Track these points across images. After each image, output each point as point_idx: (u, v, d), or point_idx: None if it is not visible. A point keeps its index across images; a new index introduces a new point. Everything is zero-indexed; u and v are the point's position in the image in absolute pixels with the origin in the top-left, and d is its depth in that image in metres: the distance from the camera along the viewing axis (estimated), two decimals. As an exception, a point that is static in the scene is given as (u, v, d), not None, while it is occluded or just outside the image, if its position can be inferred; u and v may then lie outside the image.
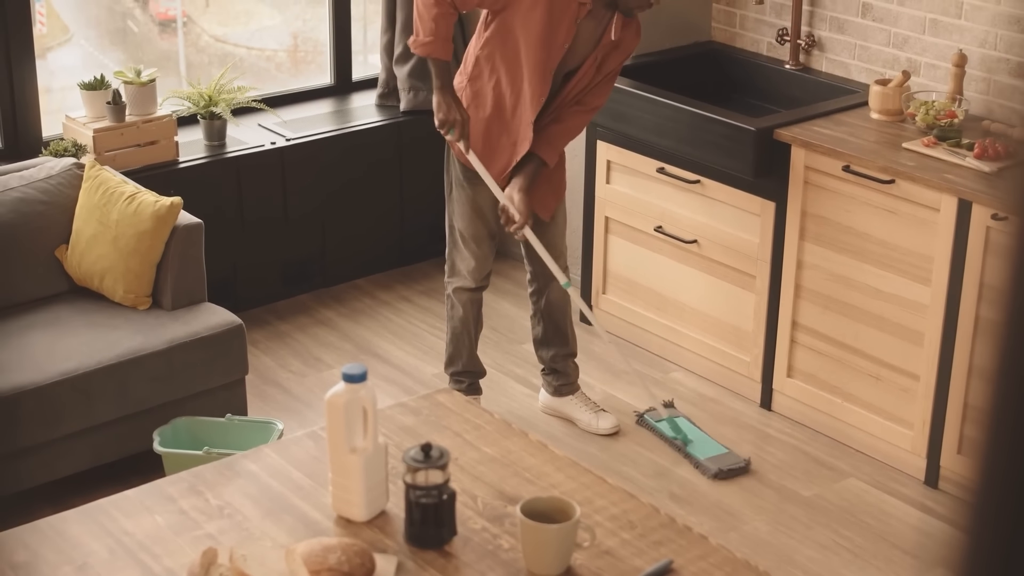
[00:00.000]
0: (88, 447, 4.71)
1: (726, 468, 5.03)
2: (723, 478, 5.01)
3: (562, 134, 4.93)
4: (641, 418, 5.34)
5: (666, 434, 5.20)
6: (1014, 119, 1.40)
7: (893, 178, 4.79)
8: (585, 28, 4.76)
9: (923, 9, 5.35)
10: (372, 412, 3.00)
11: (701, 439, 5.19)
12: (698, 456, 5.09)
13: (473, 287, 5.16)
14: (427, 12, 4.68)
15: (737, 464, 5.05)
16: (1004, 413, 0.98)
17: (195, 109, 5.91)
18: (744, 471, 5.05)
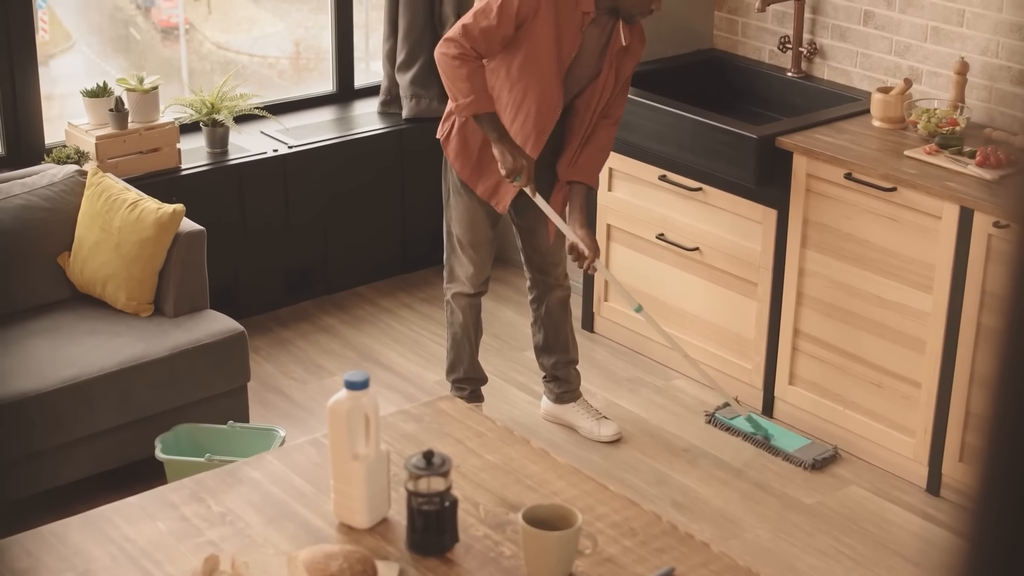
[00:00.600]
0: (90, 454, 4.71)
1: (820, 457, 5.09)
2: (819, 468, 5.07)
3: (599, 153, 4.98)
4: (712, 417, 5.36)
5: (746, 431, 5.23)
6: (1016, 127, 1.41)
7: (895, 186, 4.79)
8: (590, 36, 4.77)
9: (925, 17, 5.36)
10: (374, 419, 3.00)
11: (781, 433, 5.23)
12: (787, 449, 5.13)
13: (472, 292, 5.16)
14: (456, 74, 4.67)
15: (827, 452, 5.12)
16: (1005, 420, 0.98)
17: (197, 116, 5.91)
18: (835, 458, 5.12)
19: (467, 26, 4.65)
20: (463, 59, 4.66)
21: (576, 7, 4.69)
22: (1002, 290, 0.98)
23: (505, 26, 4.65)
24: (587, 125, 4.90)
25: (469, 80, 4.67)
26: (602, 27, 4.79)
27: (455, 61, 4.66)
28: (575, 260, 4.93)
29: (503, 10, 4.63)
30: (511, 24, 4.65)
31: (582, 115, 4.89)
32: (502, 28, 4.65)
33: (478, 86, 4.69)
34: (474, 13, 4.68)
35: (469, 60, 4.66)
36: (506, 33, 4.67)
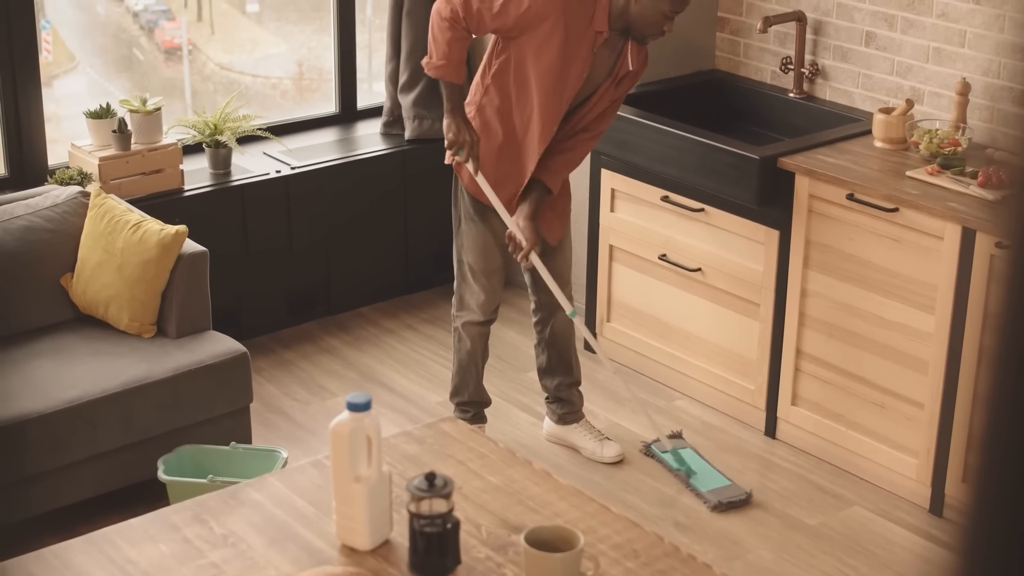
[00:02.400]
0: (93, 475, 4.71)
1: (726, 500, 5.02)
2: (722, 510, 5.00)
3: (569, 163, 4.96)
4: (648, 448, 5.34)
5: (670, 465, 5.20)
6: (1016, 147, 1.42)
7: (897, 206, 4.80)
8: (601, 56, 4.78)
9: (926, 38, 5.37)
10: (376, 441, 3.00)
11: (705, 471, 5.18)
12: (700, 488, 5.08)
13: (482, 321, 5.16)
14: (441, 35, 4.70)
15: (738, 496, 5.04)
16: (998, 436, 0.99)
17: (200, 137, 5.92)
18: (745, 503, 5.04)
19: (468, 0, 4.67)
20: (452, 23, 4.67)
21: (589, 26, 4.69)
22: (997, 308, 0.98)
23: (502, 20, 4.65)
24: (567, 135, 4.90)
25: (449, 45, 4.69)
26: (613, 47, 4.80)
27: (444, 23, 4.68)
28: (512, 251, 4.92)
29: (508, 6, 4.63)
30: (511, 20, 4.65)
31: (570, 128, 4.89)
32: (499, 20, 4.66)
33: (454, 55, 4.71)
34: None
35: (457, 28, 4.68)
36: (500, 26, 4.68)
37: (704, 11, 6.11)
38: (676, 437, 5.36)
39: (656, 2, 4.65)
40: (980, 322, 4.63)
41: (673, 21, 4.73)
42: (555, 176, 4.93)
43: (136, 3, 6.63)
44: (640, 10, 4.67)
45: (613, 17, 4.71)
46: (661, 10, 4.66)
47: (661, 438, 5.20)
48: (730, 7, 6.09)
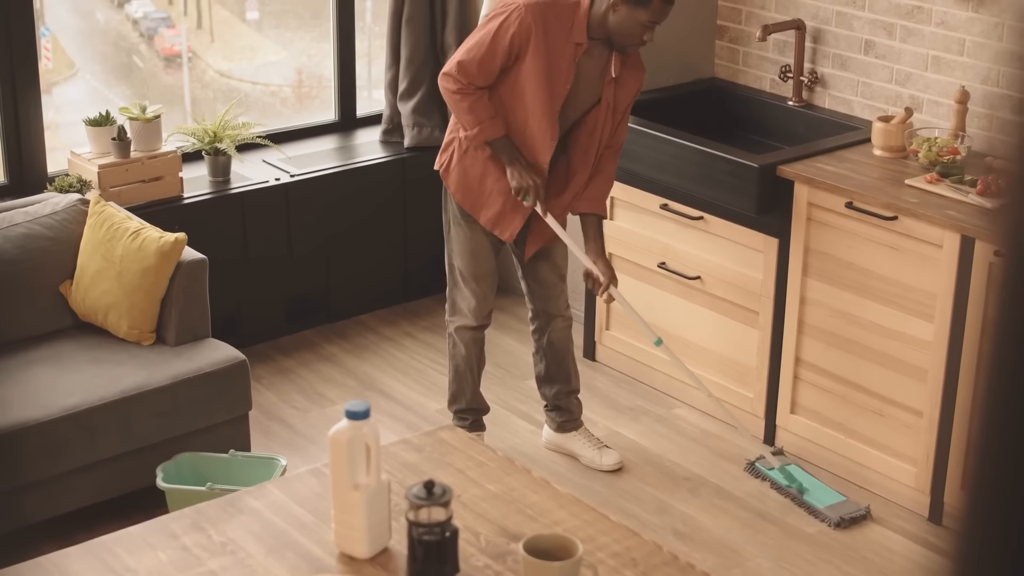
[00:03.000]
0: (91, 483, 4.71)
1: (848, 516, 4.94)
2: (845, 527, 4.93)
3: (605, 182, 5.01)
4: (752, 466, 5.28)
5: (780, 483, 5.14)
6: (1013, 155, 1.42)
7: (896, 214, 4.80)
8: (585, 67, 4.79)
9: (925, 46, 5.37)
10: (375, 449, 3.00)
11: (816, 487, 5.10)
12: (816, 505, 5.00)
13: (475, 325, 5.16)
14: (459, 107, 4.74)
15: (858, 511, 4.97)
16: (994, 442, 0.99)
17: (200, 145, 5.92)
18: (865, 518, 4.98)
19: (462, 62, 4.70)
20: (463, 93, 4.70)
21: (568, 39, 4.71)
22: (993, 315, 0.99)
23: (500, 57, 4.69)
24: (594, 156, 4.92)
25: (472, 112, 4.71)
26: (596, 57, 4.81)
27: (456, 95, 4.72)
28: (591, 287, 4.96)
29: (496, 42, 4.67)
30: (505, 55, 4.69)
31: (586, 146, 4.90)
32: (497, 59, 4.69)
33: (482, 115, 4.73)
34: (468, 47, 4.73)
35: (468, 92, 4.70)
36: (502, 63, 4.71)
37: (703, 19, 6.12)
38: (779, 454, 5.29)
39: (633, 12, 4.65)
40: (979, 330, 4.63)
41: (653, 31, 4.72)
42: (599, 202, 5.00)
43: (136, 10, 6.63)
44: (618, 21, 4.68)
45: (592, 28, 4.73)
46: (639, 20, 4.66)
47: (766, 455, 5.16)
48: (729, 15, 6.10)
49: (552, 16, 4.69)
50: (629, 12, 4.65)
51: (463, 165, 4.93)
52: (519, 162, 4.80)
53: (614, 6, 4.67)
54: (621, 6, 4.65)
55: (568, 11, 4.72)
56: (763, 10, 5.93)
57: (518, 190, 4.80)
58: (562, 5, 4.73)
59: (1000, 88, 5.17)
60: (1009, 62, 5.00)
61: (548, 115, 4.76)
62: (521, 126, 4.80)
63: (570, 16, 4.71)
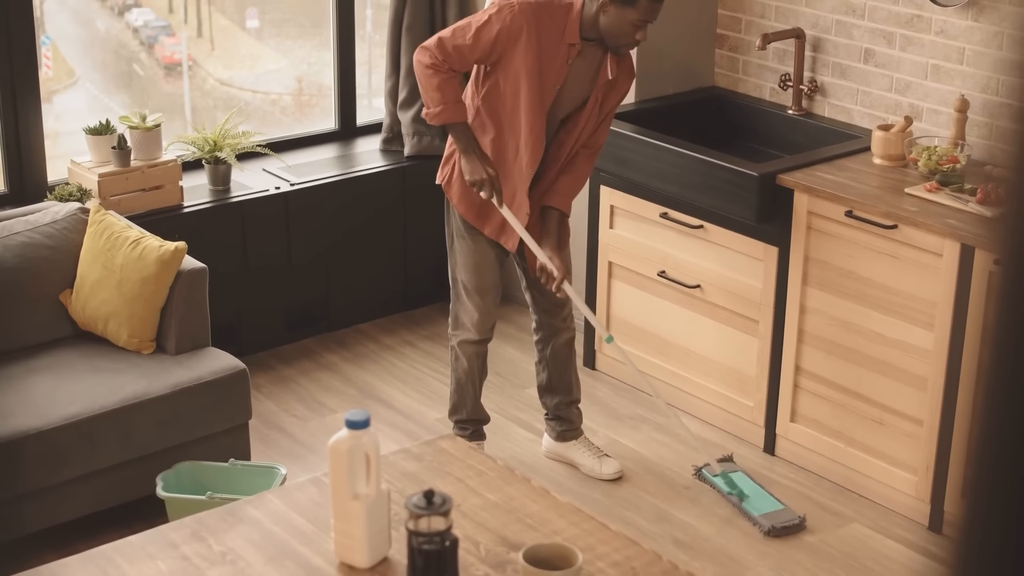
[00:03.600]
0: (91, 492, 4.71)
1: (780, 525, 4.94)
2: (777, 535, 4.93)
3: (577, 182, 4.99)
4: (699, 472, 5.28)
5: (722, 489, 5.14)
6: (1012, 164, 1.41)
7: (896, 223, 4.80)
8: (577, 68, 4.79)
9: (925, 55, 5.37)
10: (375, 458, 3.00)
11: (757, 494, 5.11)
12: (753, 512, 5.01)
13: (478, 339, 5.15)
14: (429, 82, 4.71)
15: (792, 521, 4.97)
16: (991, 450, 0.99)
17: (200, 154, 5.93)
18: (799, 528, 4.97)
19: (443, 39, 4.70)
20: (435, 69, 4.69)
21: (561, 39, 4.72)
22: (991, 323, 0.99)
23: (480, 49, 4.68)
24: (567, 154, 4.91)
25: (440, 90, 4.70)
26: (589, 59, 4.81)
27: (428, 70, 4.70)
28: (544, 282, 4.93)
29: (480, 33, 4.68)
30: (487, 48, 4.68)
31: (565, 145, 4.90)
32: (476, 50, 4.69)
33: (449, 96, 4.71)
34: (454, 28, 4.73)
35: (441, 71, 4.69)
36: (481, 56, 4.71)
37: (703, 28, 6.12)
38: (726, 460, 5.31)
39: (623, 12, 4.66)
40: (979, 339, 4.63)
41: (645, 31, 4.71)
42: (565, 198, 4.96)
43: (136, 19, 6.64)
44: (608, 21, 4.69)
45: (585, 29, 4.74)
46: (629, 20, 4.66)
47: (711, 462, 5.16)
48: (729, 24, 6.10)
49: (546, 16, 4.70)
50: (618, 12, 4.66)
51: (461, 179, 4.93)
52: (475, 152, 4.79)
53: (603, 7, 4.67)
54: (610, 6, 4.66)
55: (562, 12, 4.73)
56: (763, 19, 5.94)
57: (472, 182, 4.80)
58: (556, 6, 4.74)
59: (999, 97, 5.18)
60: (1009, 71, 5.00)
61: (539, 114, 4.76)
62: (511, 124, 4.79)
63: (563, 17, 4.72)
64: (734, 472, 5.21)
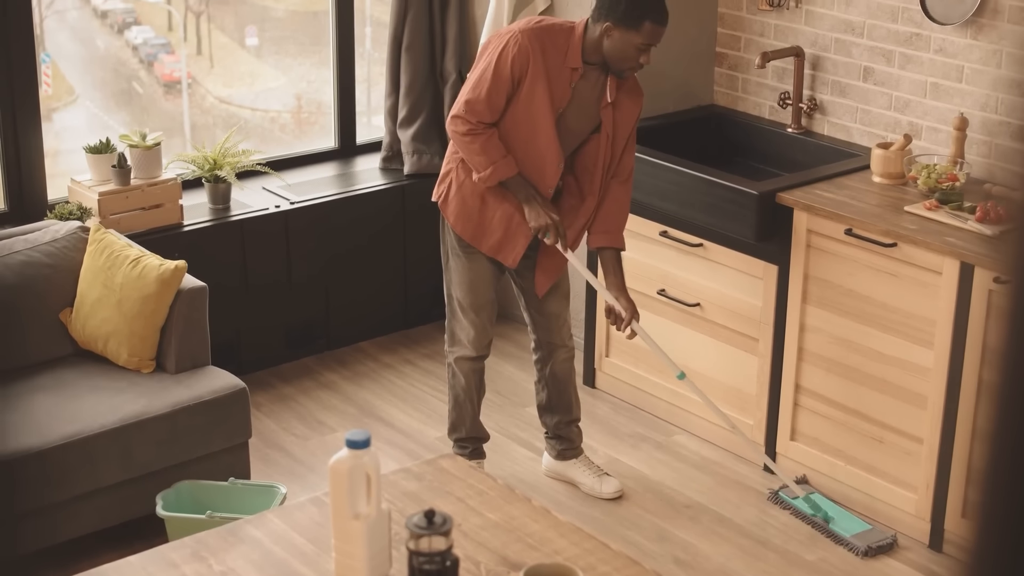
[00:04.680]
0: (91, 511, 4.70)
1: (875, 544, 4.90)
2: (873, 555, 4.89)
3: (619, 214, 5.00)
4: (776, 496, 5.24)
5: (805, 512, 5.09)
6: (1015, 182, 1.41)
7: (895, 241, 4.80)
8: (580, 91, 4.80)
9: (924, 73, 5.38)
10: (375, 478, 3.00)
11: (842, 515, 5.06)
12: (844, 534, 4.96)
13: (474, 356, 5.16)
14: (470, 149, 4.75)
15: (885, 540, 4.93)
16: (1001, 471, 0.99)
17: (200, 172, 5.93)
18: (892, 547, 4.94)
19: (470, 100, 4.71)
20: (473, 134, 4.71)
21: (564, 63, 4.73)
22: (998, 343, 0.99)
23: (503, 87, 4.70)
24: (600, 181, 4.92)
25: (484, 152, 4.73)
26: (593, 82, 4.82)
27: (466, 137, 4.72)
28: (612, 323, 4.95)
29: (498, 72, 4.69)
30: (507, 82, 4.70)
31: (591, 171, 4.91)
32: (503, 90, 4.71)
33: (494, 155, 4.74)
34: (472, 85, 4.74)
35: (479, 133, 4.71)
36: (507, 92, 4.72)
37: (702, 47, 6.14)
38: (801, 482, 5.25)
39: (627, 36, 4.67)
40: (979, 357, 4.63)
41: (649, 54, 4.73)
42: (613, 235, 4.98)
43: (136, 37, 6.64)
44: (612, 45, 4.70)
45: (587, 53, 4.75)
46: (633, 44, 4.67)
47: (789, 484, 5.14)
48: (728, 43, 6.11)
49: (548, 41, 4.72)
50: (622, 36, 4.67)
51: (461, 195, 4.94)
52: (536, 199, 4.81)
53: (607, 31, 4.69)
54: (614, 31, 4.68)
55: (563, 36, 4.75)
56: (762, 37, 5.95)
57: (537, 229, 4.81)
58: (557, 30, 4.75)
59: (999, 115, 5.18)
60: (1008, 89, 5.02)
61: (553, 139, 4.77)
62: (526, 151, 4.80)
63: (565, 41, 4.74)
64: (813, 493, 5.15)
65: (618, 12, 4.66)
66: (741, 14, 6.03)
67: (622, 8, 4.66)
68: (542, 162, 4.80)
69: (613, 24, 4.67)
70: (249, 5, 6.86)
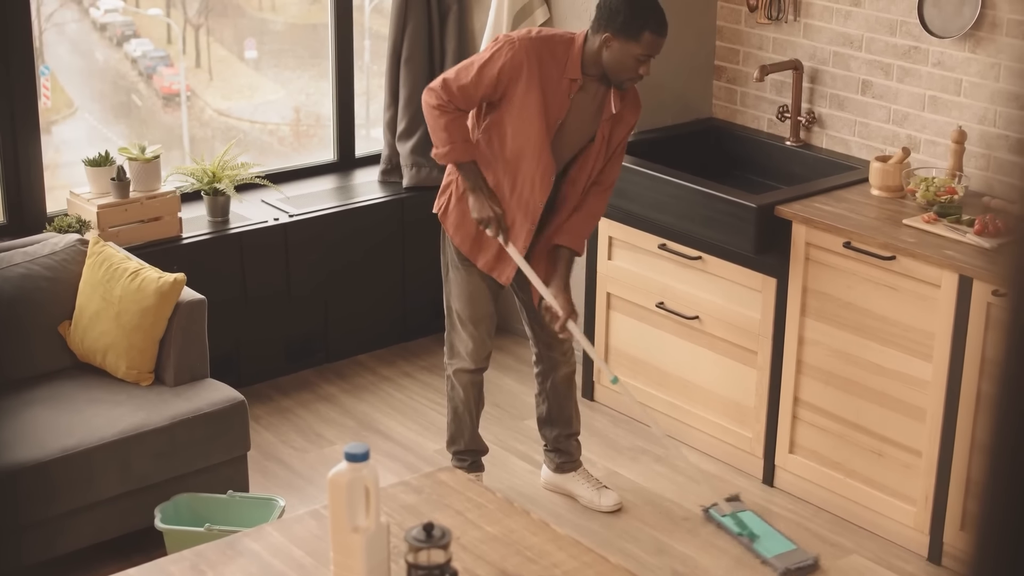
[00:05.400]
0: (90, 524, 4.70)
1: (794, 566, 4.86)
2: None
3: (589, 220, 4.99)
4: (707, 513, 5.20)
5: (731, 530, 5.06)
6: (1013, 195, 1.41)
7: (894, 254, 4.81)
8: (579, 103, 4.79)
9: (922, 86, 5.39)
10: (374, 491, 3.00)
11: (768, 534, 5.02)
12: (764, 554, 4.92)
13: (473, 369, 5.16)
14: (436, 123, 4.75)
15: (805, 561, 4.89)
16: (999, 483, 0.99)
17: (199, 185, 5.93)
18: (813, 568, 4.90)
19: (447, 80, 4.73)
20: (442, 109, 4.72)
21: (563, 74, 4.73)
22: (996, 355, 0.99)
23: (483, 87, 4.71)
24: (580, 192, 4.92)
25: (447, 130, 4.74)
26: (592, 93, 4.82)
27: (435, 111, 4.74)
28: (548, 320, 4.94)
29: (483, 71, 4.70)
30: (490, 86, 4.71)
31: (576, 182, 4.91)
32: (480, 88, 4.71)
33: (456, 136, 4.75)
34: (458, 68, 4.77)
35: (448, 111, 4.72)
36: (484, 93, 4.73)
37: (701, 60, 6.14)
38: (734, 500, 5.20)
39: (626, 47, 4.67)
40: (978, 370, 4.63)
41: (649, 65, 4.73)
42: (576, 237, 4.96)
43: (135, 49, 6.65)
44: (612, 56, 4.70)
45: (587, 64, 4.75)
46: (632, 54, 4.67)
47: (719, 501, 5.12)
48: (727, 56, 6.12)
49: (547, 52, 4.72)
50: (621, 47, 4.67)
51: (460, 208, 4.94)
52: (482, 191, 4.82)
53: (606, 42, 4.69)
54: (613, 41, 4.67)
55: (563, 47, 4.75)
56: (760, 50, 5.95)
57: (479, 220, 4.82)
58: (557, 41, 4.76)
59: (997, 128, 5.19)
60: (1007, 102, 5.02)
61: (545, 149, 4.77)
62: (518, 162, 4.80)
63: (565, 52, 4.74)
64: (743, 512, 5.13)
65: (617, 22, 4.66)
66: (740, 27, 6.04)
67: (621, 18, 4.66)
68: (533, 173, 4.79)
69: (612, 35, 4.67)
70: (248, 18, 6.87)
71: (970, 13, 5.17)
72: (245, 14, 6.84)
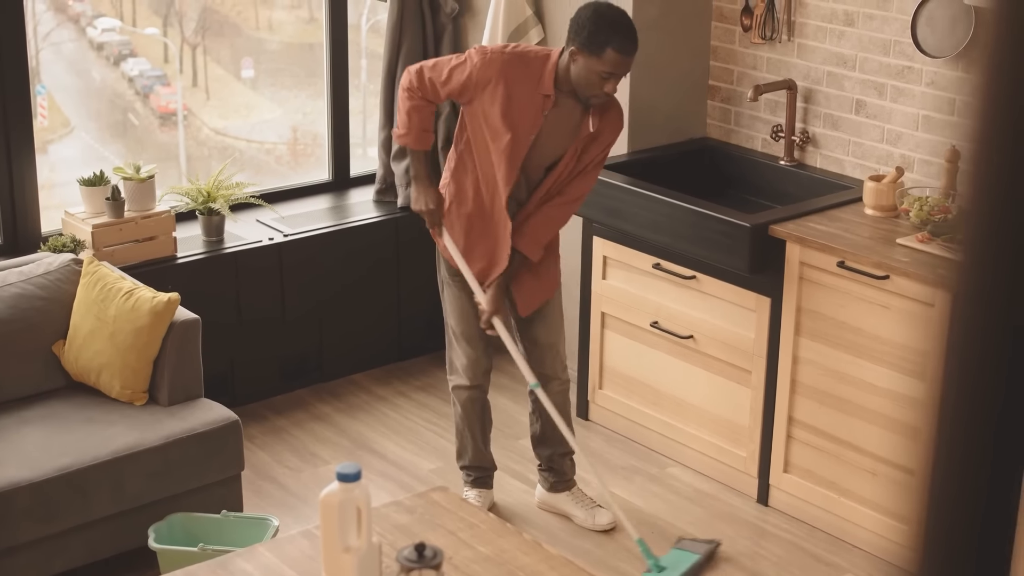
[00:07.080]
0: (83, 543, 4.70)
1: None
2: None
3: (542, 226, 4.95)
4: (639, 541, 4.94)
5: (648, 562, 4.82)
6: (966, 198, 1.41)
7: (888, 274, 4.81)
8: (554, 119, 4.79)
9: (916, 106, 5.40)
10: (366, 511, 3.00)
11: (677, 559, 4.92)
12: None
13: (469, 385, 5.17)
14: (402, 105, 4.85)
15: None
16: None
17: (193, 205, 5.94)
18: None
19: (423, 68, 4.82)
20: (410, 93, 4.82)
21: (536, 89, 4.73)
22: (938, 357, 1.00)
23: (449, 88, 4.78)
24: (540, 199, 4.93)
25: (408, 115, 4.84)
26: (569, 109, 4.81)
27: (405, 92, 4.84)
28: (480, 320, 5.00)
29: (452, 74, 4.77)
30: (456, 89, 4.77)
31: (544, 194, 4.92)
32: (447, 88, 4.79)
33: (415, 123, 4.84)
34: (436, 61, 4.84)
35: (415, 97, 4.81)
36: (450, 94, 4.81)
37: (695, 80, 6.15)
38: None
39: (590, 63, 4.66)
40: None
41: (615, 83, 4.70)
42: (530, 242, 4.93)
43: (131, 69, 6.67)
44: (577, 71, 4.70)
45: (560, 80, 4.75)
46: (595, 71, 4.65)
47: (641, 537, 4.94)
48: (721, 76, 6.13)
49: (520, 67, 4.73)
50: (585, 62, 4.67)
51: (448, 222, 4.95)
52: (423, 181, 4.91)
53: (573, 56, 4.69)
54: (578, 56, 4.67)
55: (538, 63, 4.75)
56: (754, 70, 5.97)
57: (414, 210, 4.96)
58: (531, 57, 4.76)
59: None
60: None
61: (511, 162, 4.77)
62: (483, 166, 4.86)
63: (539, 68, 4.74)
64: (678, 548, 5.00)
65: (582, 37, 4.65)
66: (734, 47, 6.05)
67: (586, 33, 4.63)
68: (495, 179, 4.83)
69: (577, 49, 4.66)
70: (245, 37, 6.89)
71: (963, 33, 5.18)
72: (242, 33, 6.85)
